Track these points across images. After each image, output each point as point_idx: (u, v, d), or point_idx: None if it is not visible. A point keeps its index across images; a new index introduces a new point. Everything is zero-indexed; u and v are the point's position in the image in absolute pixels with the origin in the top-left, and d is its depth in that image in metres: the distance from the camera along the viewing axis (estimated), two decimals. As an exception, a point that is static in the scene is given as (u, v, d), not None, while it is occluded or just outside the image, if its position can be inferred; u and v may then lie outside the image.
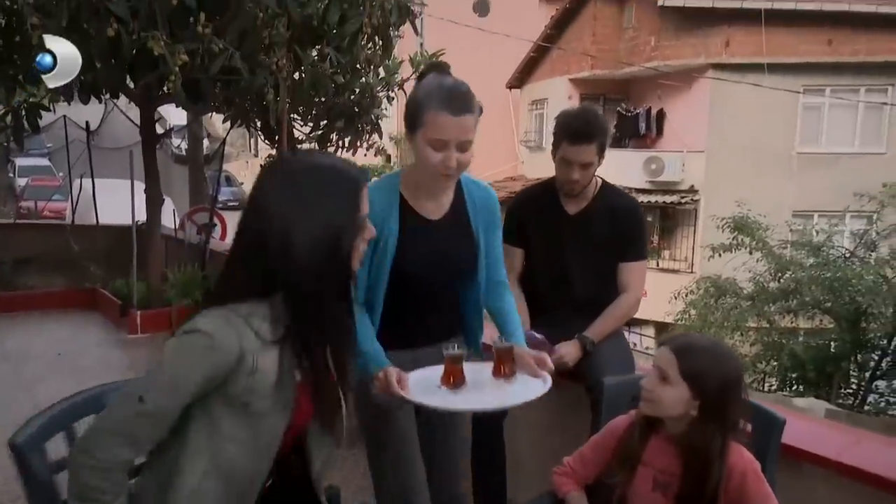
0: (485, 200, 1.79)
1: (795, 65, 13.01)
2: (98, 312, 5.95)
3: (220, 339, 1.14)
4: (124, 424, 1.13)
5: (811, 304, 7.92)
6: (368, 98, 4.97)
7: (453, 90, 1.56)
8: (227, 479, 1.19)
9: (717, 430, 1.42)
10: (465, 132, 1.57)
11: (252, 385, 1.16)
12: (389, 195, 1.68)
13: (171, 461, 1.19)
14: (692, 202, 13.93)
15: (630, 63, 14.36)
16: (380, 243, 1.63)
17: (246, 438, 1.19)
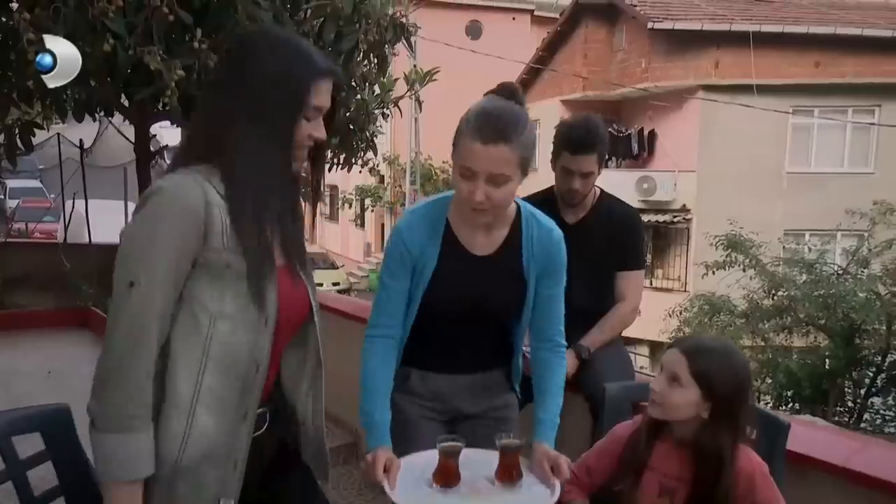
0: (545, 241, 1.57)
1: (784, 86, 13.22)
2: (89, 331, 5.88)
3: (183, 190, 1.11)
4: (130, 332, 1.07)
5: (805, 321, 7.96)
6: (364, 115, 4.98)
7: (490, 115, 1.39)
8: (224, 361, 1.13)
9: (728, 432, 1.41)
10: (495, 164, 1.37)
11: (228, 243, 1.12)
12: (434, 220, 1.53)
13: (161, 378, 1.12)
14: (684, 221, 14.03)
15: (621, 84, 14.54)
16: (416, 270, 1.52)
17: (234, 311, 1.13)
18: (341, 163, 5.52)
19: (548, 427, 1.57)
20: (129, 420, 1.08)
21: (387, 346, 1.56)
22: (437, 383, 1.63)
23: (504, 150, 1.37)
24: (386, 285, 1.54)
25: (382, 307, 1.56)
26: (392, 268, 1.54)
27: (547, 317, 1.63)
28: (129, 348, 1.08)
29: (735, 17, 13.73)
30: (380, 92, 5.02)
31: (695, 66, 13.75)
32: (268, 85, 1.16)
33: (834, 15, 14.16)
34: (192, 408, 1.11)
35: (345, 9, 3.98)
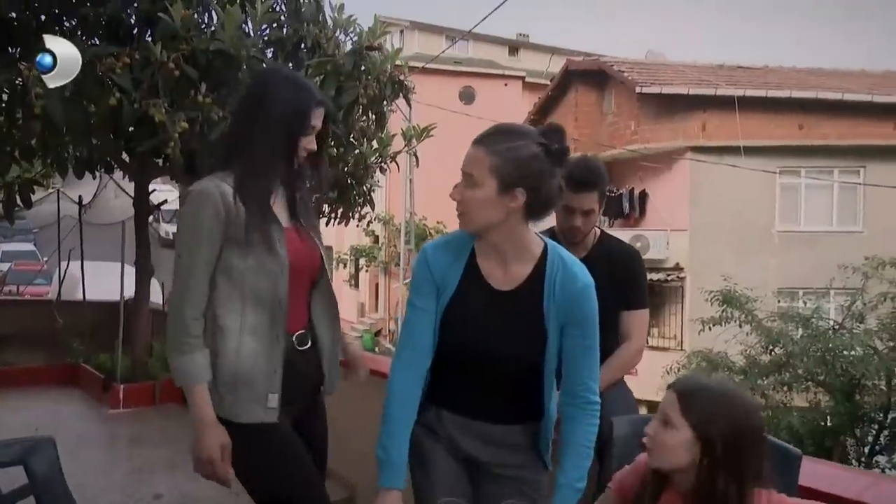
0: (569, 288, 1.48)
1: (770, 147, 13.57)
2: (79, 388, 5.75)
3: (203, 188, 1.58)
4: (182, 288, 1.56)
5: (805, 377, 7.89)
6: (362, 169, 5.06)
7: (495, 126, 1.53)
8: (257, 301, 1.57)
9: (731, 479, 1.31)
10: (467, 163, 1.48)
11: (239, 221, 1.55)
12: (460, 246, 1.52)
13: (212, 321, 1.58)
14: (678, 279, 14.08)
15: (612, 146, 14.87)
16: (440, 297, 1.50)
17: (254, 264, 1.57)
18: (339, 217, 5.57)
19: (566, 494, 1.47)
20: (182, 345, 1.55)
21: (414, 376, 1.52)
22: (451, 422, 1.56)
23: (478, 151, 1.42)
24: (413, 305, 1.53)
25: (412, 327, 1.53)
26: (417, 286, 1.53)
27: (572, 370, 1.53)
28: (177, 298, 1.58)
29: (720, 83, 14.22)
30: (378, 147, 5.11)
31: (683, 129, 14.12)
32: (279, 111, 1.61)
33: (814, 80, 14.70)
34: (240, 335, 1.56)
35: (345, 65, 4.10)
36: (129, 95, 3.72)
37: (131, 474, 3.75)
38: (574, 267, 1.51)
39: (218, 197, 1.54)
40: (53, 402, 5.37)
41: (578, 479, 1.49)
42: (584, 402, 1.54)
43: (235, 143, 1.65)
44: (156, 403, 5.14)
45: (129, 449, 4.36)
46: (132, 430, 4.64)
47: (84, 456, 4.05)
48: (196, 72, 3.79)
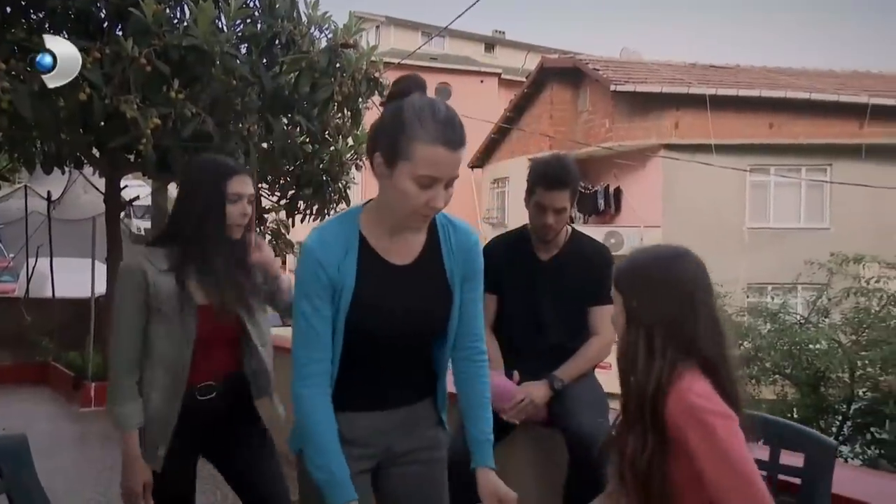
0: (463, 245, 1.48)
1: (741, 145, 13.80)
2: (48, 387, 5.69)
3: (127, 264, 1.89)
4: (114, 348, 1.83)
5: (772, 370, 8.07)
6: (337, 166, 5.07)
7: (450, 119, 1.30)
8: (163, 365, 1.80)
9: (641, 334, 1.29)
10: (457, 168, 1.32)
11: (157, 295, 1.77)
12: (347, 236, 1.39)
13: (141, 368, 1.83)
14: (651, 275, 14.28)
15: (587, 143, 15.01)
16: (336, 292, 1.36)
17: (166, 333, 1.79)
18: (314, 213, 5.56)
19: (485, 447, 1.48)
20: (116, 397, 1.80)
21: (324, 390, 1.39)
22: (366, 422, 1.46)
23: (463, 152, 1.33)
24: (307, 315, 1.37)
25: (309, 341, 1.37)
26: (311, 294, 1.36)
27: (466, 322, 1.50)
28: (112, 357, 1.86)
29: (693, 81, 14.44)
30: (353, 144, 5.12)
31: (656, 127, 14.31)
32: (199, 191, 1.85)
33: (784, 80, 15.00)
34: (150, 390, 1.80)
35: (320, 62, 4.10)
36: (99, 91, 3.68)
37: (104, 472, 3.72)
38: (462, 225, 1.51)
39: (139, 273, 1.79)
40: (23, 401, 5.29)
41: (490, 430, 1.50)
42: (477, 352, 1.54)
43: (173, 227, 1.89)
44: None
45: (101, 447, 4.31)
46: (104, 428, 4.58)
47: (56, 455, 4.01)
48: (168, 67, 3.76)
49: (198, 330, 1.79)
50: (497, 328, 2.36)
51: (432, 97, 1.34)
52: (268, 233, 6.21)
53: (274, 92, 4.29)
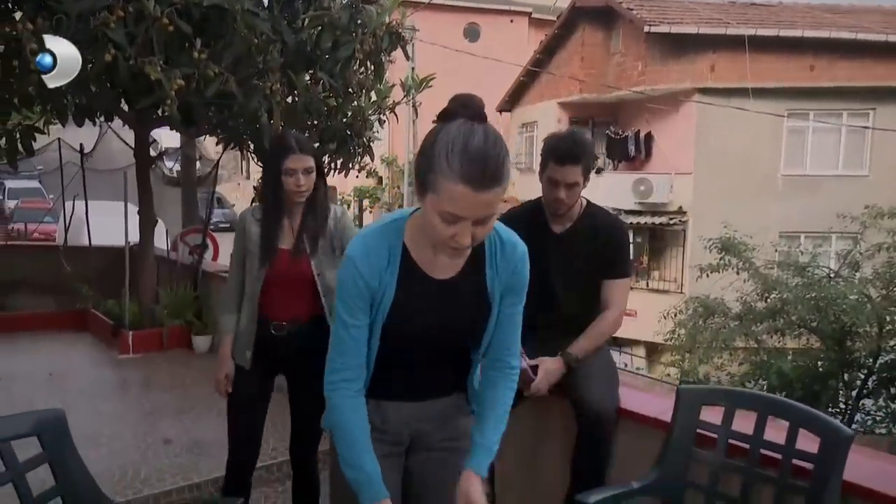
0: (509, 260, 1.44)
1: (779, 89, 13.30)
2: (89, 333, 5.95)
3: (240, 215, 2.45)
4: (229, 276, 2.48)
5: (797, 324, 8.03)
6: (360, 121, 5.05)
7: (482, 156, 1.18)
8: (248, 293, 2.37)
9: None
10: (487, 208, 1.22)
11: (249, 238, 2.34)
12: (390, 245, 1.38)
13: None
14: (681, 223, 14.11)
15: (618, 87, 14.62)
16: (375, 301, 1.38)
17: (250, 269, 2.35)
18: (339, 167, 5.60)
19: (482, 453, 1.46)
20: (222, 309, 2.48)
21: (356, 393, 1.42)
22: (399, 412, 1.51)
23: (498, 191, 1.21)
24: (346, 323, 1.38)
25: (345, 349, 1.40)
26: (350, 304, 1.37)
27: (502, 336, 1.50)
28: (226, 286, 2.50)
29: (731, 21, 13.83)
30: (376, 98, 5.09)
31: (691, 70, 13.83)
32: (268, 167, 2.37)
33: (828, 19, 14.27)
34: (242, 310, 2.39)
35: (342, 19, 4.05)
36: (123, 51, 3.71)
37: (142, 419, 3.95)
38: (510, 236, 1.46)
39: (242, 222, 2.39)
40: (66, 347, 5.57)
41: (495, 441, 1.49)
42: (508, 366, 1.53)
43: (262, 189, 2.45)
44: (163, 349, 5.34)
45: (139, 394, 4.56)
46: (142, 375, 4.84)
47: (98, 401, 4.26)
48: (190, 27, 3.76)
49: (275, 269, 2.29)
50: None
51: (477, 126, 1.22)
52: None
53: (296, 48, 4.27)
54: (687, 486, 1.87)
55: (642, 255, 14.82)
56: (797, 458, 1.72)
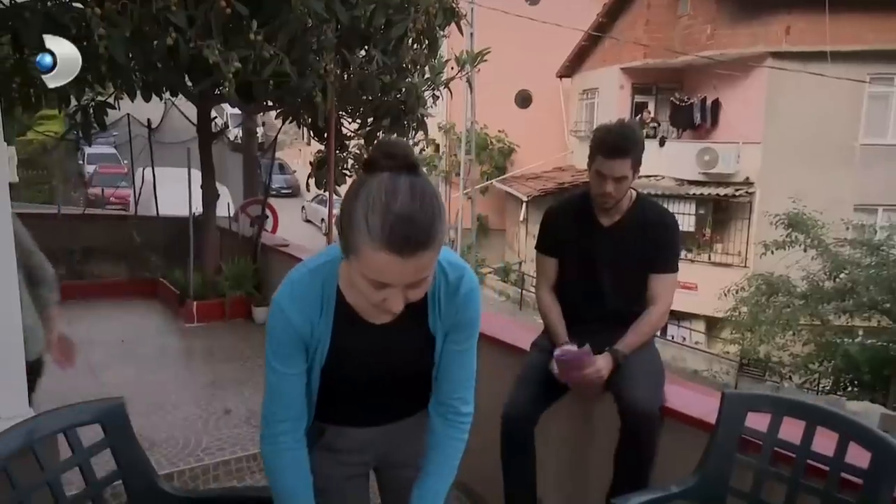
0: (452, 296, 1.30)
1: (861, 52, 12.49)
2: (158, 301, 6.26)
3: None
4: None
5: (868, 305, 7.69)
6: (414, 97, 5.06)
7: (406, 220, 1.03)
8: None
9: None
10: (418, 273, 1.09)
11: None
12: (323, 292, 1.26)
13: None
14: (747, 195, 13.58)
15: (684, 52, 14.02)
16: (310, 348, 1.28)
17: None
18: (392, 143, 5.64)
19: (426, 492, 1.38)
20: None
21: (296, 443, 1.33)
22: (356, 436, 1.43)
23: (429, 255, 1.07)
24: (278, 372, 1.28)
25: (280, 399, 1.30)
26: (282, 352, 1.27)
27: (448, 377, 1.37)
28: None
29: (811, -21, 12.98)
30: (430, 75, 5.07)
31: (764, 33, 13.11)
32: None
33: (922, -26, 13.18)
34: None
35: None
36: (184, 34, 3.82)
37: (205, 388, 4.15)
38: (454, 274, 1.30)
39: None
40: (136, 314, 5.89)
41: (440, 498, 1.39)
42: (456, 414, 1.39)
43: None
44: (225, 319, 5.57)
45: (202, 363, 4.79)
46: (205, 345, 5.08)
47: (162, 369, 4.51)
48: (246, 8, 3.82)
49: None
50: (558, 293, 2.41)
51: (403, 181, 1.06)
52: (350, 157, 6.38)
53: (350, 26, 4.29)
54: (729, 492, 1.85)
55: (705, 227, 14.37)
56: (846, 472, 1.67)
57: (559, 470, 2.57)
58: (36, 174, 17.23)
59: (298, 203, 23.92)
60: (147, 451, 1.71)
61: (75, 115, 5.28)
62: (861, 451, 1.65)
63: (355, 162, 6.47)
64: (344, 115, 5.68)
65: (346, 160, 6.36)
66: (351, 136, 6.11)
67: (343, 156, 6.28)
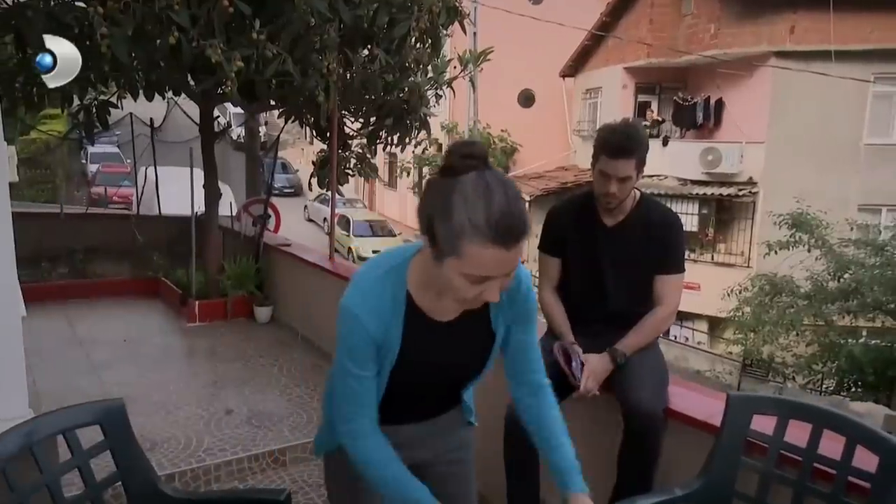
0: (512, 292, 1.38)
1: (866, 52, 12.45)
2: (160, 301, 6.25)
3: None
4: None
5: (872, 306, 7.66)
6: (417, 97, 5.05)
7: (508, 214, 1.12)
8: None
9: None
10: (516, 261, 1.18)
11: None
12: (393, 296, 1.32)
13: None
14: (750, 195, 13.55)
15: (688, 51, 13.99)
16: (381, 351, 1.33)
17: None
18: (395, 142, 5.63)
19: (573, 474, 1.45)
20: None
21: (374, 433, 1.38)
22: (406, 432, 1.50)
23: (522, 246, 1.16)
24: (356, 376, 1.34)
25: (358, 399, 1.36)
26: (358, 357, 1.32)
27: (524, 362, 1.49)
28: None
29: (815, -22, 12.93)
30: (433, 74, 5.06)
31: (768, 32, 13.07)
32: None
33: (926, -27, 13.12)
34: None
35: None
36: (187, 34, 3.81)
37: (206, 387, 4.14)
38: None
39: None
40: (138, 313, 5.88)
41: (574, 455, 1.48)
42: (539, 386, 1.50)
43: None
44: (227, 318, 5.57)
45: (204, 363, 4.78)
46: (207, 344, 5.07)
47: (165, 369, 4.50)
48: (249, 8, 3.81)
49: None
50: (561, 294, 2.39)
51: (490, 178, 1.14)
52: (352, 157, 6.37)
53: (353, 26, 4.27)
54: (734, 495, 1.83)
55: (708, 227, 14.34)
56: (853, 476, 1.65)
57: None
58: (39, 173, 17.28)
59: (301, 202, 23.93)
60: (148, 452, 1.71)
61: (78, 115, 5.28)
62: (869, 454, 1.63)
63: (358, 161, 6.46)
64: (346, 114, 5.67)
65: (348, 159, 6.35)
66: (353, 136, 6.10)
67: (346, 155, 6.27)
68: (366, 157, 6.47)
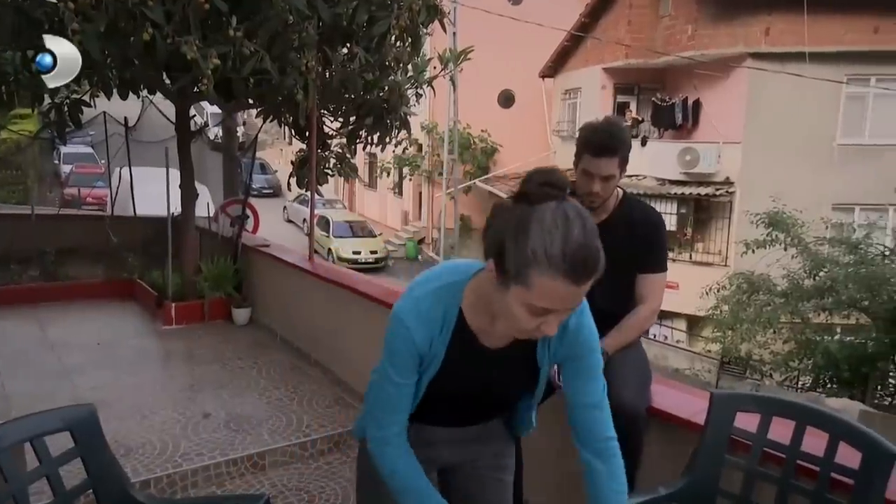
0: (561, 331, 1.34)
1: (839, 53, 12.65)
2: (135, 303, 6.14)
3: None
4: None
5: (847, 303, 7.78)
6: (397, 96, 5.01)
7: (584, 250, 1.09)
8: None
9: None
10: (581, 298, 1.16)
11: None
12: (445, 310, 1.30)
13: None
14: (727, 194, 13.70)
15: (666, 52, 14.12)
16: (423, 362, 1.33)
17: None
18: (375, 142, 5.58)
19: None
20: None
21: (402, 443, 1.38)
22: (439, 434, 1.51)
23: (592, 281, 1.13)
24: (396, 383, 1.34)
25: (394, 406, 1.36)
26: (401, 365, 1.32)
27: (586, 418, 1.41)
28: None
29: (789, -20, 13.12)
30: (413, 73, 5.02)
31: (744, 33, 13.24)
32: None
33: (897, -23, 13.39)
34: None
35: (376, -6, 3.98)
36: (161, 30, 3.73)
37: (183, 391, 4.06)
38: (573, 319, 1.36)
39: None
40: (113, 316, 5.76)
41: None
42: (610, 453, 1.41)
43: None
44: (205, 320, 5.48)
45: (181, 366, 4.69)
46: (183, 347, 4.98)
47: (141, 372, 4.41)
48: (226, 4, 3.74)
49: None
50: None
51: (570, 210, 1.11)
52: (332, 157, 6.31)
53: (332, 23, 4.22)
54: (718, 493, 1.83)
55: (686, 226, 14.48)
56: (836, 472, 1.66)
57: (544, 471, 2.53)
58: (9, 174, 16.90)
59: (280, 203, 23.72)
60: (123, 458, 1.66)
61: (49, 114, 5.15)
62: (851, 451, 1.63)
63: (337, 161, 6.40)
64: (326, 113, 5.61)
65: (328, 159, 6.28)
66: (333, 135, 6.04)
67: (325, 155, 6.21)
68: (345, 157, 6.41)
